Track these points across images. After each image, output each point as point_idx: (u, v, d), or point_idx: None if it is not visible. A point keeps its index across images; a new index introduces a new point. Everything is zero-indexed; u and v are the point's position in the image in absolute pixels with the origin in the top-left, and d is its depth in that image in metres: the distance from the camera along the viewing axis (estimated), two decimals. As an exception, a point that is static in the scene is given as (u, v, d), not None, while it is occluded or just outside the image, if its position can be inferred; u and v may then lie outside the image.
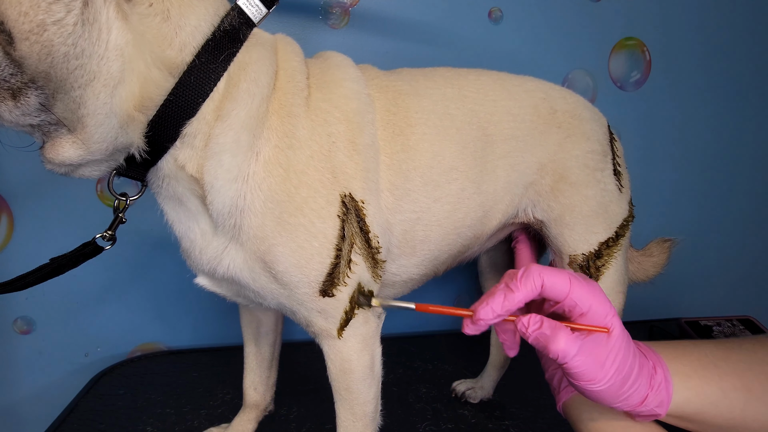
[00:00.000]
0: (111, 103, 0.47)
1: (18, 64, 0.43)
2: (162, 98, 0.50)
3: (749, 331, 1.19)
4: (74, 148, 0.49)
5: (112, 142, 0.49)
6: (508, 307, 0.54)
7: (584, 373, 0.54)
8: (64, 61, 0.44)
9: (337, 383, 0.65)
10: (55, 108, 0.46)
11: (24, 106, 0.45)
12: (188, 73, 0.50)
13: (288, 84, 0.58)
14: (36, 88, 0.45)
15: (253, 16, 0.55)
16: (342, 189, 0.59)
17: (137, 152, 0.52)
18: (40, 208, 1.01)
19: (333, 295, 0.60)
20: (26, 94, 0.45)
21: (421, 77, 0.70)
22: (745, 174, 1.36)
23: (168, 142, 0.52)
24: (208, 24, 0.52)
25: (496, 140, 0.70)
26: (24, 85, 0.44)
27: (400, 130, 0.65)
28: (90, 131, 0.48)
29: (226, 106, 0.53)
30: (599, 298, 0.55)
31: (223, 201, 0.55)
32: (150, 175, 0.56)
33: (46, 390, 1.08)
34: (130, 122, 0.49)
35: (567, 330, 0.54)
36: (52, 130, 0.49)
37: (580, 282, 0.55)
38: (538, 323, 0.55)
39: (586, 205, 0.73)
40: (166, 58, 0.49)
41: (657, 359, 0.58)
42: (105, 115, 0.47)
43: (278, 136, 0.56)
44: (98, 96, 0.46)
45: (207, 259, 0.59)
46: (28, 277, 0.56)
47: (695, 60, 1.26)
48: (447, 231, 0.69)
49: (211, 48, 0.51)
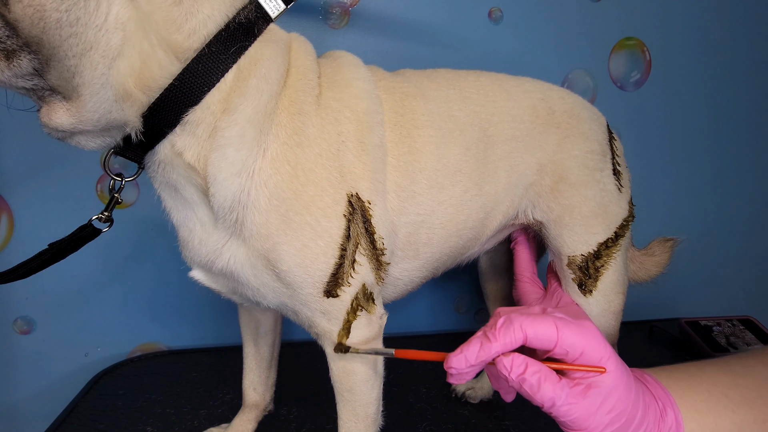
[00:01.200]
0: (108, 74, 0.47)
1: (12, 27, 0.43)
2: (166, 81, 0.50)
3: (749, 331, 1.19)
4: (67, 116, 0.48)
5: (105, 114, 0.49)
6: (483, 358, 0.50)
7: (575, 421, 0.50)
8: (57, 27, 0.43)
9: (340, 384, 0.65)
10: (48, 74, 0.46)
11: (16, 68, 0.45)
12: (196, 60, 0.50)
13: (299, 82, 0.58)
14: (29, 53, 0.45)
15: (271, 11, 0.55)
16: (349, 188, 0.58)
17: (133, 132, 0.51)
18: (40, 208, 1.01)
19: (337, 296, 0.59)
20: (19, 57, 0.45)
21: (425, 79, 0.70)
22: (746, 174, 1.36)
23: (167, 127, 0.52)
24: (222, 14, 0.52)
25: (497, 141, 0.70)
26: (18, 48, 0.44)
27: (407, 132, 0.65)
28: (84, 100, 0.47)
29: (233, 100, 0.52)
30: (592, 341, 0.50)
31: (225, 195, 0.54)
32: (147, 158, 0.56)
33: (46, 390, 1.08)
34: (126, 98, 0.49)
35: (554, 376, 0.50)
36: (47, 95, 0.49)
37: (569, 326, 0.50)
38: (521, 366, 0.50)
39: (586, 205, 0.73)
40: (174, 41, 0.49)
41: (666, 398, 0.54)
42: (101, 85, 0.47)
43: (287, 133, 0.56)
44: (96, 66, 0.46)
45: (206, 251, 0.59)
46: (30, 263, 0.56)
47: (695, 60, 1.26)
48: (450, 233, 0.69)
49: (223, 38, 0.51)
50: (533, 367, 0.50)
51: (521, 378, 0.49)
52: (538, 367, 0.50)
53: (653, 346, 1.18)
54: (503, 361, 0.50)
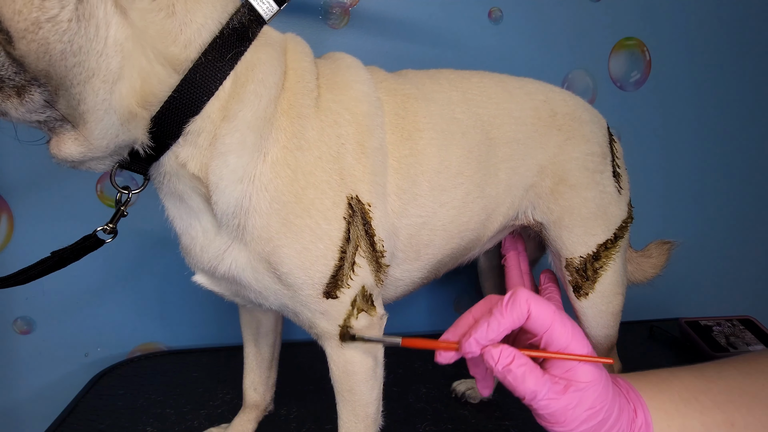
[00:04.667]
0: (110, 100, 0.47)
1: (19, 63, 0.43)
2: (166, 94, 0.50)
3: (749, 331, 1.19)
4: (76, 145, 0.49)
5: (113, 139, 0.49)
6: (492, 336, 0.51)
7: (553, 415, 0.51)
8: (62, 58, 0.44)
9: (340, 385, 0.65)
10: (58, 104, 0.47)
11: (29, 103, 0.46)
12: (194, 70, 0.50)
13: (297, 85, 0.58)
14: (39, 86, 0.45)
15: (264, 13, 0.54)
16: (349, 191, 0.58)
17: (141, 148, 0.51)
18: (40, 209, 1.01)
19: (337, 297, 0.60)
20: (30, 92, 0.45)
21: (426, 80, 0.70)
22: (746, 174, 1.36)
23: (170, 139, 0.52)
24: (216, 21, 0.51)
25: (499, 143, 0.70)
26: (27, 83, 0.45)
27: (409, 134, 0.65)
28: (90, 127, 0.48)
29: (232, 107, 0.52)
30: (578, 337, 0.52)
31: (228, 201, 0.55)
32: (152, 170, 0.56)
33: (46, 390, 1.08)
34: (132, 119, 0.49)
35: (538, 370, 0.51)
36: (57, 126, 0.49)
37: (563, 320, 0.52)
38: (509, 358, 0.51)
39: (585, 207, 0.73)
40: (170, 54, 0.49)
41: (638, 400, 0.56)
42: (104, 111, 0.47)
43: (287, 136, 0.56)
44: (97, 92, 0.46)
45: (208, 258, 0.59)
46: (31, 270, 0.56)
47: (695, 60, 1.26)
48: (451, 235, 0.69)
49: (218, 46, 0.51)
50: (520, 360, 0.51)
51: (507, 369, 0.51)
52: (524, 360, 0.51)
53: (653, 346, 1.18)
54: (491, 351, 0.52)
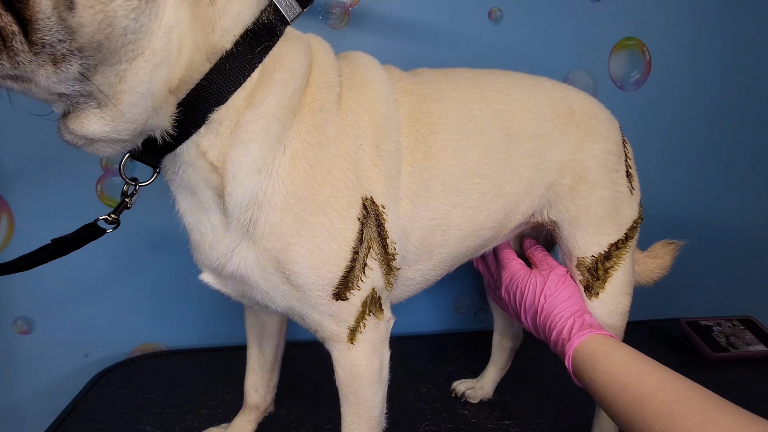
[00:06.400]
0: (149, 82, 0.45)
1: (71, 31, 0.40)
2: (195, 82, 0.49)
3: (749, 331, 1.19)
4: (101, 123, 0.46)
5: (141, 123, 0.47)
6: None
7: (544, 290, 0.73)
8: (122, 34, 0.42)
9: (345, 387, 0.64)
10: (93, 78, 0.44)
11: (63, 73, 0.42)
12: (225, 59, 0.50)
13: (321, 79, 0.58)
14: (81, 57, 0.42)
15: (287, 14, 0.55)
16: (364, 192, 0.58)
17: (160, 136, 0.50)
18: (40, 209, 1.01)
19: (346, 299, 0.59)
20: (69, 62, 0.42)
21: (443, 78, 0.70)
22: (746, 174, 1.36)
23: (193, 128, 0.51)
24: (250, 14, 0.51)
25: (520, 139, 0.70)
26: (69, 52, 0.42)
27: (423, 137, 0.64)
28: (123, 107, 0.46)
29: (258, 94, 0.52)
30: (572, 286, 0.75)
31: (244, 193, 0.54)
32: (166, 161, 0.54)
33: (46, 390, 1.08)
34: (164, 104, 0.48)
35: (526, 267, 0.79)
36: (81, 101, 0.46)
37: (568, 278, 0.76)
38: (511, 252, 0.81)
39: (601, 206, 0.73)
40: (209, 42, 0.49)
41: None
42: (140, 93, 0.45)
43: (308, 129, 0.55)
44: (138, 73, 0.45)
45: (217, 255, 0.58)
46: (32, 257, 0.55)
47: (695, 60, 1.26)
48: (467, 234, 0.69)
49: (249, 38, 0.51)
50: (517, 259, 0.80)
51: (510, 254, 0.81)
52: None
53: (653, 346, 1.18)
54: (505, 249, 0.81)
